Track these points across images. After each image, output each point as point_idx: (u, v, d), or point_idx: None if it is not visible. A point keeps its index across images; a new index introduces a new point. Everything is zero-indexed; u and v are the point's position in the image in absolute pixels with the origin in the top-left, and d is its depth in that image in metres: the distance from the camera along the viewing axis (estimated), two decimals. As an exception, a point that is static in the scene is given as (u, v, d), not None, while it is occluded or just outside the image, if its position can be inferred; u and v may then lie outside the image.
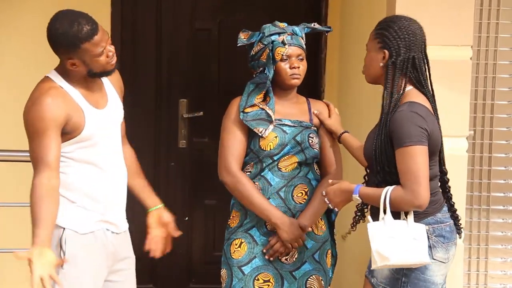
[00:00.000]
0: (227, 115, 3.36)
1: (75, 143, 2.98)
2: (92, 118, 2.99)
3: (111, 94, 3.11)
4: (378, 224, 2.84)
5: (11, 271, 4.54)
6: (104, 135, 3.04)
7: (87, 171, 3.03)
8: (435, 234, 2.93)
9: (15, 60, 4.58)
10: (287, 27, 3.36)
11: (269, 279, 3.29)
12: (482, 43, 4.11)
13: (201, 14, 4.89)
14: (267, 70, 3.31)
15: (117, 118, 3.12)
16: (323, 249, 3.38)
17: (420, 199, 2.79)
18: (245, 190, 3.26)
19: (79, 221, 3.03)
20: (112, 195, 3.09)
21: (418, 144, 2.81)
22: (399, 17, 3.01)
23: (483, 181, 4.18)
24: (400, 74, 2.94)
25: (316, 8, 4.89)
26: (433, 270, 2.93)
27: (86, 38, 2.87)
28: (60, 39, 2.88)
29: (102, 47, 2.92)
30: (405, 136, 2.82)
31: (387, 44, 2.95)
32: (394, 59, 2.94)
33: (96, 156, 3.03)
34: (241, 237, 3.33)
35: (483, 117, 4.16)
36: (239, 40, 3.37)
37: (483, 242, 4.20)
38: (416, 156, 2.81)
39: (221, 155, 3.31)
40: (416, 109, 2.88)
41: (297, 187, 3.32)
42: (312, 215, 3.30)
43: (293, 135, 3.31)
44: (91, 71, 2.96)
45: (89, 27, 2.88)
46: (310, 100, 3.46)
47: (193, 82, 4.91)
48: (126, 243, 3.17)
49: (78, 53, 2.89)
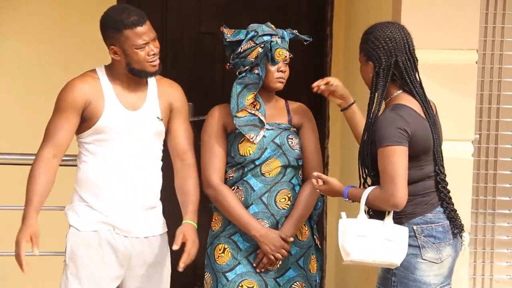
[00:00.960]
0: (204, 129, 3.38)
1: (93, 134, 3.08)
2: (114, 112, 3.07)
3: (151, 101, 3.15)
4: (349, 221, 2.91)
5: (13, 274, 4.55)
6: (128, 135, 3.09)
7: (100, 167, 3.10)
8: (423, 234, 2.94)
9: (15, 63, 4.58)
10: (277, 29, 3.37)
11: (253, 286, 3.30)
12: (487, 47, 4.10)
13: (206, 18, 4.89)
14: (260, 70, 3.30)
15: (147, 124, 3.13)
16: (307, 255, 3.38)
17: (395, 199, 2.84)
18: (225, 202, 3.28)
19: (82, 219, 3.11)
20: (123, 196, 3.10)
21: (394, 144, 2.85)
22: (376, 26, 3.04)
23: (488, 185, 4.17)
24: (385, 81, 2.98)
25: (321, 12, 4.89)
26: (423, 270, 2.94)
27: (129, 25, 3.02)
28: (107, 22, 3.07)
29: (144, 41, 3.04)
30: (382, 137, 2.87)
31: (369, 56, 3.01)
32: (377, 69, 2.98)
33: (112, 153, 3.09)
34: (224, 242, 3.33)
35: (489, 121, 4.15)
36: (226, 36, 3.37)
37: (489, 246, 4.19)
38: (393, 157, 2.85)
39: (202, 169, 3.35)
40: (398, 111, 2.92)
41: (280, 193, 3.32)
42: (295, 223, 3.31)
43: (271, 138, 3.31)
44: (130, 65, 3.06)
45: (136, 17, 3.03)
46: (288, 102, 3.47)
47: (197, 85, 4.91)
48: (150, 249, 3.17)
49: (119, 40, 3.04)
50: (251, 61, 3.32)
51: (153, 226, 3.19)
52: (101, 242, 3.11)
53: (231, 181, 3.34)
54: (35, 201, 3.01)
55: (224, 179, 3.36)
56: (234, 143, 3.32)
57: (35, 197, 3.01)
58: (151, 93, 3.17)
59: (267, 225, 3.29)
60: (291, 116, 3.40)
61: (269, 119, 3.35)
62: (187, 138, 3.25)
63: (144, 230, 3.16)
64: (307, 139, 3.38)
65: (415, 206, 2.95)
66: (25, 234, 2.96)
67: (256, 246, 3.28)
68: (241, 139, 3.29)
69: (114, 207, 3.11)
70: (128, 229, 3.12)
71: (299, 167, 3.36)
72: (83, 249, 3.12)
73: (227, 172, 3.36)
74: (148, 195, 3.16)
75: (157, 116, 3.15)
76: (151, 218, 3.18)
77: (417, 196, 2.96)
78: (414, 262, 2.93)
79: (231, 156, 3.34)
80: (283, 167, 3.31)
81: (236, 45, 3.34)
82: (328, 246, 4.78)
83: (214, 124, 3.35)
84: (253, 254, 3.31)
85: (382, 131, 2.88)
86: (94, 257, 3.11)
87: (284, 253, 3.27)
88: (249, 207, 3.30)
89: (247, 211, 3.28)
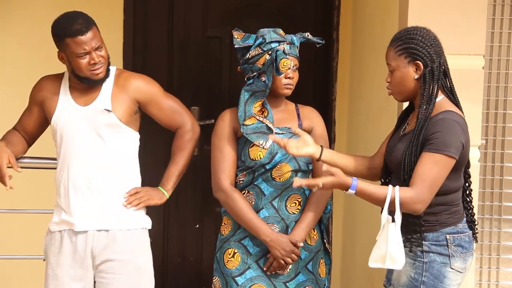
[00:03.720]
0: (214, 132, 3.39)
1: (54, 133, 3.23)
2: (65, 108, 3.20)
3: (103, 95, 3.20)
4: (392, 226, 2.83)
5: (16, 275, 4.56)
6: (81, 131, 3.18)
7: (60, 165, 3.22)
8: (454, 244, 2.94)
9: (12, 63, 4.59)
10: (286, 35, 3.36)
11: None
12: (494, 53, 4.11)
13: (213, 22, 4.89)
14: (267, 78, 3.31)
15: (97, 117, 3.19)
16: (316, 259, 3.38)
17: (423, 205, 2.82)
18: (236, 206, 3.28)
19: (53, 219, 3.24)
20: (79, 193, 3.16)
21: (450, 156, 2.83)
22: (416, 27, 2.98)
23: (494, 190, 4.17)
24: (438, 80, 2.92)
25: (328, 17, 4.89)
26: (451, 279, 2.94)
27: (70, 34, 3.08)
28: (53, 28, 3.15)
29: (84, 50, 3.09)
30: (443, 144, 2.82)
31: (417, 55, 2.92)
32: (430, 67, 2.91)
33: (67, 150, 3.20)
34: (234, 247, 3.33)
35: (495, 126, 4.15)
36: (235, 40, 3.37)
37: (495, 252, 4.18)
38: (442, 166, 2.82)
39: (213, 173, 3.36)
40: (457, 118, 2.88)
41: (290, 197, 3.32)
42: (305, 227, 3.30)
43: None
44: (74, 72, 3.16)
45: (78, 27, 3.08)
46: (299, 106, 3.46)
47: (204, 89, 4.92)
48: (111, 244, 3.19)
49: (62, 47, 3.13)
50: (259, 67, 3.32)
51: (114, 221, 3.20)
52: (63, 242, 3.20)
53: (242, 185, 3.34)
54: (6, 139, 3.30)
55: (234, 183, 3.36)
56: (244, 147, 3.32)
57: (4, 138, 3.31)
58: (105, 89, 3.22)
59: (277, 230, 3.29)
60: (301, 120, 3.40)
61: (279, 123, 3.35)
62: (172, 114, 3.35)
63: (104, 225, 3.19)
64: (318, 143, 3.37)
65: (450, 215, 2.95)
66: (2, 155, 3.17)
67: (266, 250, 3.28)
68: (251, 143, 3.29)
69: (71, 205, 3.18)
70: (86, 226, 3.17)
71: (309, 172, 3.36)
72: (51, 249, 3.23)
73: (237, 176, 3.36)
74: (105, 191, 3.19)
75: (105, 108, 3.19)
76: (111, 213, 3.20)
77: (452, 206, 2.95)
78: (443, 271, 2.92)
79: (241, 160, 3.34)
80: (294, 171, 3.31)
81: (245, 50, 3.35)
82: (334, 250, 4.78)
83: (225, 127, 3.36)
84: (263, 259, 3.31)
85: (445, 137, 2.83)
86: (57, 257, 3.21)
87: (294, 257, 3.27)
88: (259, 212, 3.30)
89: (257, 216, 3.28)
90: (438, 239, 2.93)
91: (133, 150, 3.29)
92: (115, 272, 3.18)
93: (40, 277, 3.31)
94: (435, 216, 2.93)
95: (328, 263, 3.46)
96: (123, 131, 3.23)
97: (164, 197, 3.30)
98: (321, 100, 4.91)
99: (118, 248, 3.18)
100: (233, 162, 3.34)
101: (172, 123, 3.36)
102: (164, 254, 4.88)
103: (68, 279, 3.19)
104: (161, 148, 4.38)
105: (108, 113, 3.18)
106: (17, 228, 4.45)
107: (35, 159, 3.51)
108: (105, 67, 3.17)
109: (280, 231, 3.29)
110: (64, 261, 3.19)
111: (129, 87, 3.25)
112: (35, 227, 3.71)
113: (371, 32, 4.40)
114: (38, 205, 3.87)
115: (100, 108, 3.19)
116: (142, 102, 3.28)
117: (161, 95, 3.33)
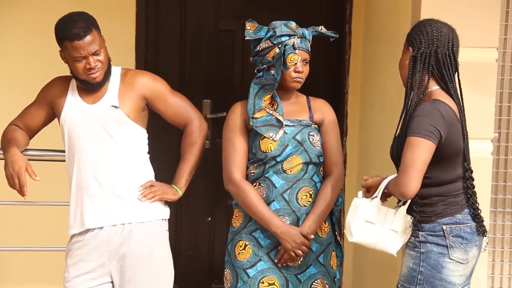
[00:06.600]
0: (225, 125, 3.39)
1: (63, 132, 3.25)
2: (73, 105, 3.22)
3: (110, 93, 3.22)
4: (362, 203, 2.97)
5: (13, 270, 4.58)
6: (89, 128, 3.19)
7: (71, 164, 3.24)
8: (452, 234, 2.95)
9: (14, 61, 4.61)
10: (297, 29, 3.35)
11: (274, 282, 3.29)
12: (508, 45, 4.09)
13: (225, 15, 4.90)
14: (275, 72, 3.30)
15: (104, 114, 3.20)
16: (327, 251, 3.38)
17: (404, 188, 2.85)
18: (247, 198, 3.28)
19: (69, 222, 3.25)
20: (89, 187, 3.18)
21: (423, 137, 2.84)
22: (429, 19, 3.04)
23: (507, 183, 4.16)
24: (421, 67, 2.96)
25: (340, 10, 4.88)
26: (450, 269, 2.94)
27: (68, 38, 3.10)
28: (55, 28, 3.17)
29: (80, 54, 3.11)
30: (415, 126, 2.86)
31: (410, 41, 3.01)
32: (415, 53, 2.97)
33: (76, 147, 3.21)
34: (245, 239, 3.33)
35: (508, 119, 4.14)
36: (247, 32, 3.37)
37: (507, 245, 4.17)
38: (416, 148, 2.84)
39: (224, 165, 3.36)
40: (438, 106, 2.90)
41: (301, 190, 3.31)
42: (316, 220, 3.30)
43: (293, 135, 3.30)
44: (73, 74, 3.20)
45: (77, 31, 3.10)
46: (310, 98, 3.46)
47: (216, 82, 4.92)
48: (127, 238, 3.19)
49: (62, 48, 3.17)
50: (268, 60, 3.32)
51: (125, 215, 3.20)
52: (82, 241, 3.20)
53: (252, 177, 3.35)
54: (16, 141, 3.25)
55: (246, 176, 3.36)
56: (255, 140, 3.32)
57: (13, 139, 3.26)
58: (112, 87, 3.24)
59: (288, 222, 3.29)
60: (313, 113, 3.39)
61: (290, 116, 3.35)
62: (179, 110, 3.35)
63: (119, 219, 3.19)
64: (328, 135, 3.37)
65: (446, 206, 2.96)
66: (21, 164, 3.15)
67: (277, 242, 3.28)
68: (262, 136, 3.30)
69: (84, 202, 3.18)
70: (101, 222, 3.18)
71: (320, 164, 3.36)
72: (72, 247, 3.25)
73: (248, 168, 3.36)
74: (117, 186, 3.19)
75: (111, 105, 3.20)
76: (125, 207, 3.20)
77: (448, 197, 2.96)
78: (441, 261, 2.93)
79: (252, 153, 3.34)
80: (305, 164, 3.31)
81: (257, 42, 3.35)
82: (346, 243, 4.76)
83: (236, 120, 3.36)
84: (274, 251, 3.31)
85: (417, 121, 2.87)
86: (76, 253, 3.22)
87: (305, 249, 3.27)
88: (270, 204, 3.30)
89: (268, 208, 3.28)
90: (434, 230, 2.95)
91: (142, 146, 3.30)
92: (133, 266, 3.18)
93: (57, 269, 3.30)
94: (431, 207, 2.96)
95: (339, 256, 3.45)
96: (131, 127, 3.23)
97: (177, 194, 3.31)
98: (333, 93, 4.90)
99: (135, 241, 3.19)
100: (244, 155, 3.35)
101: (179, 120, 3.36)
102: (176, 247, 4.89)
103: (86, 277, 3.19)
104: (172, 148, 4.39)
105: (116, 109, 3.20)
106: (19, 220, 4.45)
107: (43, 151, 3.57)
108: (103, 71, 3.17)
109: (291, 224, 3.29)
110: (81, 258, 3.19)
111: (136, 84, 3.27)
112: (42, 219, 3.70)
113: (383, 25, 4.39)
114: (43, 197, 3.86)
115: (108, 105, 3.21)
116: (149, 98, 3.29)
117: (167, 92, 3.34)
